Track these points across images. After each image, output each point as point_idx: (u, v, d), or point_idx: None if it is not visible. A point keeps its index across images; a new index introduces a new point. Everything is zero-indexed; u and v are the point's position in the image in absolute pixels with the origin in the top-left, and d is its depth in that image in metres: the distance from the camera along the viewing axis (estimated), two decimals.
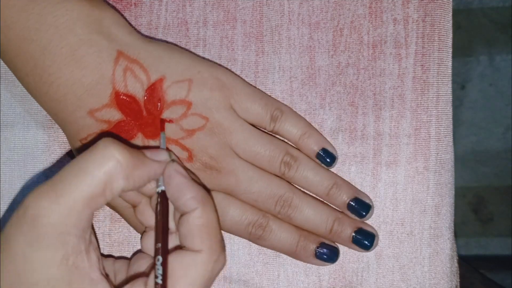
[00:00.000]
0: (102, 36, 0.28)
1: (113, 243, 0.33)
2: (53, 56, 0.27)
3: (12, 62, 0.28)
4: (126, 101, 0.28)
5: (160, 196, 0.26)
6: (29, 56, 0.27)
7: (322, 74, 0.32)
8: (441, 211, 0.32)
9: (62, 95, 0.27)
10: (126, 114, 0.28)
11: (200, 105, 0.29)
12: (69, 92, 0.27)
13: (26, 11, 0.27)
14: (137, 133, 0.28)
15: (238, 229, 0.30)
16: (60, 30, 0.27)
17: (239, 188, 0.29)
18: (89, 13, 0.28)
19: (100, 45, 0.27)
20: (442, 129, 0.32)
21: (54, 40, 0.27)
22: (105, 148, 0.23)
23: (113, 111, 0.28)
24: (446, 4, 0.32)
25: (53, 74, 0.27)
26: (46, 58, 0.27)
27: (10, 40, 0.27)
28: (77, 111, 0.28)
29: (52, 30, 0.27)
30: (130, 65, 0.28)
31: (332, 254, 0.31)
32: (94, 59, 0.27)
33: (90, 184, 0.23)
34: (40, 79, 0.27)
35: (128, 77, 0.28)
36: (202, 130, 0.29)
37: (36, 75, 0.27)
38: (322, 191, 0.31)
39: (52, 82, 0.27)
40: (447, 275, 0.32)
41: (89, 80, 0.27)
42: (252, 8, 0.32)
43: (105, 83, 0.27)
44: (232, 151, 0.29)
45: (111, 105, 0.28)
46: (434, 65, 0.32)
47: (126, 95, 0.28)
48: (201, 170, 0.29)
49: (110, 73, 0.27)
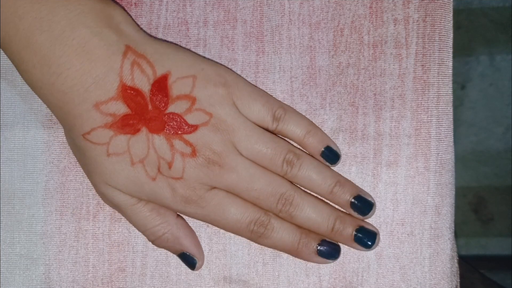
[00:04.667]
0: (113, 31, 0.28)
1: (113, 243, 0.33)
2: (64, 46, 0.27)
3: (19, 54, 0.28)
4: (132, 95, 0.28)
5: None
6: (38, 47, 0.27)
7: (323, 74, 0.32)
8: (442, 211, 0.32)
9: (70, 87, 0.27)
10: (131, 107, 0.28)
11: (204, 101, 0.29)
12: (77, 84, 0.27)
13: (39, 3, 0.27)
14: (142, 127, 0.28)
15: (239, 227, 0.30)
16: (72, 22, 0.27)
17: (240, 185, 0.29)
18: (100, 8, 0.28)
19: (110, 39, 0.28)
20: (442, 129, 0.32)
21: (66, 31, 0.27)
22: None
23: (119, 104, 0.28)
24: (447, 4, 0.32)
25: (62, 64, 0.27)
26: (56, 48, 0.27)
27: (19, 30, 0.27)
28: (83, 104, 0.28)
29: (64, 21, 0.27)
30: (137, 59, 0.28)
31: (333, 251, 0.31)
32: (104, 52, 0.27)
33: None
34: (49, 70, 0.27)
35: (135, 71, 0.28)
36: (206, 126, 0.29)
37: (44, 66, 0.27)
38: (325, 189, 0.31)
39: (61, 73, 0.27)
40: (447, 275, 0.32)
41: (97, 72, 0.27)
42: (252, 8, 0.32)
43: (112, 76, 0.28)
44: (234, 148, 0.29)
45: (117, 98, 0.28)
46: (435, 65, 0.31)
47: (133, 89, 0.28)
48: (204, 166, 0.29)
49: (118, 66, 0.28)
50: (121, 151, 0.29)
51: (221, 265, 0.32)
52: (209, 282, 0.32)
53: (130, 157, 0.29)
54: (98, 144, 0.28)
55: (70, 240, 0.33)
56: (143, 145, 0.28)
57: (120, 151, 0.29)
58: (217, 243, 0.32)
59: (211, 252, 0.32)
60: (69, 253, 0.33)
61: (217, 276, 0.32)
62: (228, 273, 0.32)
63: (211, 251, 0.32)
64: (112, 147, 0.28)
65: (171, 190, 0.29)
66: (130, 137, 0.28)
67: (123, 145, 0.28)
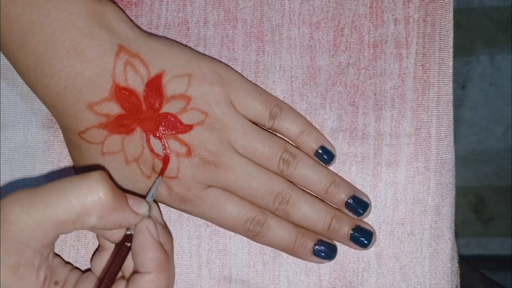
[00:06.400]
0: (104, 30, 0.28)
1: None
2: (56, 49, 0.27)
3: (14, 55, 0.28)
4: (126, 95, 0.28)
5: (125, 238, 0.27)
6: (31, 49, 0.27)
7: (323, 73, 0.32)
8: (442, 211, 0.32)
9: (63, 88, 0.27)
10: (125, 108, 0.28)
11: (199, 100, 0.29)
12: (70, 85, 0.27)
13: (30, 5, 0.27)
14: (136, 127, 0.28)
15: (236, 225, 0.30)
16: (63, 24, 0.27)
17: (237, 183, 0.29)
18: (91, 7, 0.28)
19: (102, 38, 0.28)
20: (442, 129, 0.32)
21: (57, 33, 0.27)
22: (94, 181, 0.24)
23: (112, 104, 0.28)
24: (447, 4, 0.32)
25: (54, 66, 0.27)
26: (48, 51, 0.27)
27: (12, 33, 0.27)
28: (77, 104, 0.28)
29: (55, 23, 0.27)
30: (130, 59, 0.28)
31: (329, 251, 0.31)
32: (96, 52, 0.27)
33: (64, 209, 0.23)
34: (42, 72, 0.27)
35: (129, 71, 0.28)
36: (202, 125, 0.29)
37: (37, 68, 0.27)
38: (321, 189, 0.31)
39: (54, 75, 0.27)
40: (447, 275, 0.32)
41: (90, 73, 0.27)
42: (252, 8, 0.32)
43: (105, 76, 0.27)
44: (231, 147, 0.29)
45: (110, 99, 0.28)
46: (435, 65, 0.31)
47: (126, 89, 0.28)
48: (199, 166, 0.29)
49: (111, 67, 0.28)
50: (115, 150, 0.29)
51: (221, 265, 0.32)
52: (209, 282, 0.32)
53: (125, 156, 0.29)
54: (93, 143, 0.29)
55: (70, 240, 0.33)
56: (137, 144, 0.29)
57: (115, 150, 0.29)
58: (217, 243, 0.32)
59: (211, 252, 0.32)
60: (70, 252, 0.33)
61: (217, 276, 0.32)
62: (228, 273, 0.32)
63: (211, 251, 0.32)
64: (106, 146, 0.28)
65: (167, 188, 0.29)
66: (125, 137, 0.28)
67: (118, 144, 0.28)
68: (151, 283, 0.26)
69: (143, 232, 0.26)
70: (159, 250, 0.27)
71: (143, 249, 0.26)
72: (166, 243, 0.28)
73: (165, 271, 0.27)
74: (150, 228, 0.27)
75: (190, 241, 0.32)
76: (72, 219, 0.23)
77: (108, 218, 0.25)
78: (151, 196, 0.28)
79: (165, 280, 0.27)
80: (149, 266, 0.26)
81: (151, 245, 0.26)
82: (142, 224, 0.27)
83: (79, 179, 0.24)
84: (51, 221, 0.23)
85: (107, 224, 0.25)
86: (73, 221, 0.24)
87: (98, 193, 0.24)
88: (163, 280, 0.26)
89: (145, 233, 0.26)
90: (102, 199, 0.24)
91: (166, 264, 0.27)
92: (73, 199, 0.23)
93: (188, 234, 0.32)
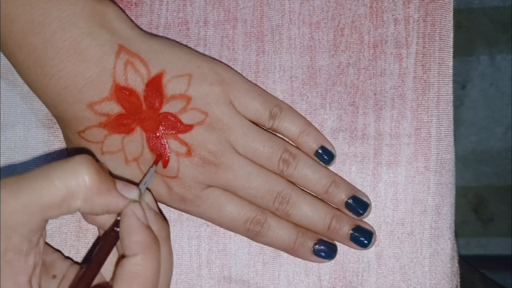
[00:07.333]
0: (105, 30, 0.28)
1: None
2: (56, 48, 0.27)
3: (15, 55, 0.28)
4: (126, 95, 0.28)
5: (115, 224, 0.26)
6: (32, 49, 0.27)
7: (323, 73, 0.32)
8: (442, 211, 0.32)
9: (63, 88, 0.27)
10: (125, 107, 0.28)
11: (199, 100, 0.29)
12: (70, 85, 0.27)
13: (30, 4, 0.27)
14: (136, 127, 0.28)
15: (236, 225, 0.30)
16: (63, 23, 0.27)
17: (237, 183, 0.29)
18: (92, 7, 0.28)
19: (103, 38, 0.28)
20: (442, 129, 0.32)
21: (57, 33, 0.27)
22: (78, 164, 0.24)
23: (112, 104, 0.28)
24: (447, 4, 0.32)
25: (55, 66, 0.27)
26: (48, 50, 0.27)
27: (12, 32, 0.27)
28: (77, 104, 0.28)
29: (55, 23, 0.27)
30: (131, 59, 0.28)
31: (330, 251, 0.31)
32: (96, 52, 0.27)
33: (49, 192, 0.23)
34: (42, 72, 0.27)
35: (129, 70, 0.28)
36: (202, 125, 0.29)
37: (38, 67, 0.27)
38: (320, 189, 0.31)
39: (54, 75, 0.27)
40: (447, 275, 0.32)
41: (90, 72, 0.27)
42: (252, 8, 0.32)
43: (106, 76, 0.28)
44: (231, 147, 0.29)
45: (110, 98, 0.28)
46: (435, 65, 0.31)
47: (126, 89, 0.28)
48: (199, 165, 0.29)
49: (111, 66, 0.28)
50: (115, 149, 0.29)
51: (221, 265, 0.32)
52: (209, 282, 0.32)
53: (124, 156, 0.29)
54: (93, 142, 0.29)
55: (70, 240, 0.33)
56: (137, 144, 0.29)
57: (115, 149, 0.29)
58: (217, 242, 0.32)
59: (211, 252, 0.32)
60: (70, 252, 0.33)
61: (217, 276, 0.32)
62: (228, 273, 0.32)
63: (211, 251, 0.32)
64: (106, 145, 0.29)
65: (167, 188, 0.29)
66: (124, 136, 0.28)
67: (117, 144, 0.29)
68: (138, 266, 0.25)
69: (129, 216, 0.26)
70: (146, 233, 0.26)
71: (129, 232, 0.25)
72: (160, 230, 0.27)
73: (152, 253, 0.25)
74: (136, 211, 0.26)
75: (190, 241, 0.32)
76: (57, 202, 0.23)
77: (94, 201, 0.24)
78: (143, 183, 0.28)
79: (154, 263, 0.25)
80: (135, 248, 0.25)
81: (136, 227, 0.25)
82: (128, 208, 0.26)
83: (64, 163, 0.24)
84: (36, 204, 0.23)
85: (93, 207, 0.24)
86: (58, 204, 0.23)
87: (83, 176, 0.23)
88: (151, 263, 0.25)
89: (131, 216, 0.26)
90: (87, 181, 0.24)
91: (153, 246, 0.26)
92: (57, 182, 0.23)
93: (188, 234, 0.32)
